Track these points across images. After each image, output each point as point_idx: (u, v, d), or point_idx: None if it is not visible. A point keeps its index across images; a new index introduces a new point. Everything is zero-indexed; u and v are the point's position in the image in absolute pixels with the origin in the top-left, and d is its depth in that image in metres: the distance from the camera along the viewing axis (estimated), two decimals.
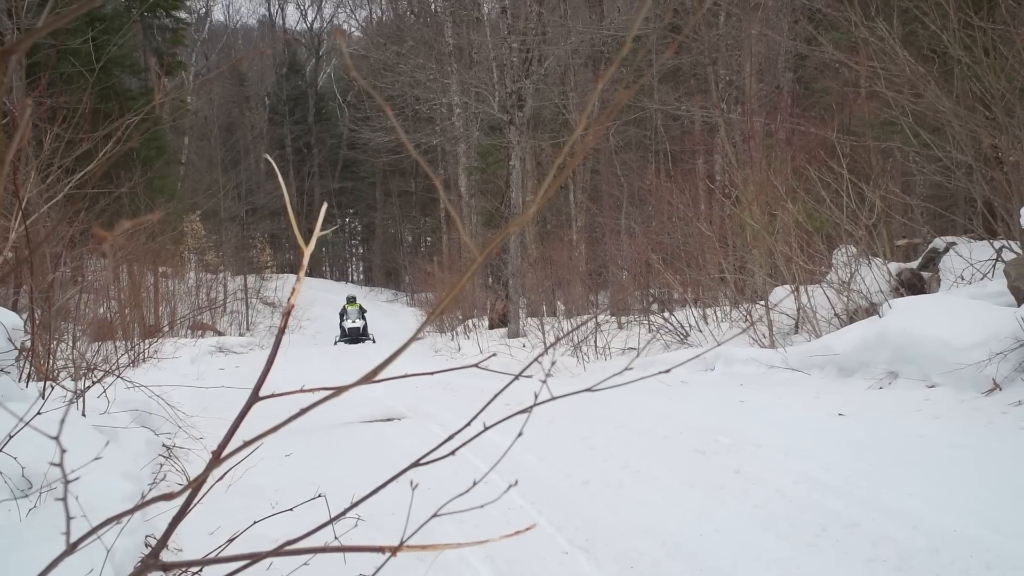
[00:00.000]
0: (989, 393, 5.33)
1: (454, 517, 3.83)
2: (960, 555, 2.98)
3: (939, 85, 8.07)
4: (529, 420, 3.67)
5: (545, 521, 3.79)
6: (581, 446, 5.19)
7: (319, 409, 1.98)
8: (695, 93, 18.20)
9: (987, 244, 8.78)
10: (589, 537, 3.56)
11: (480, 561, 3.23)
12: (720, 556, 3.27)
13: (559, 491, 4.29)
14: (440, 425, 6.13)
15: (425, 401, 7.57)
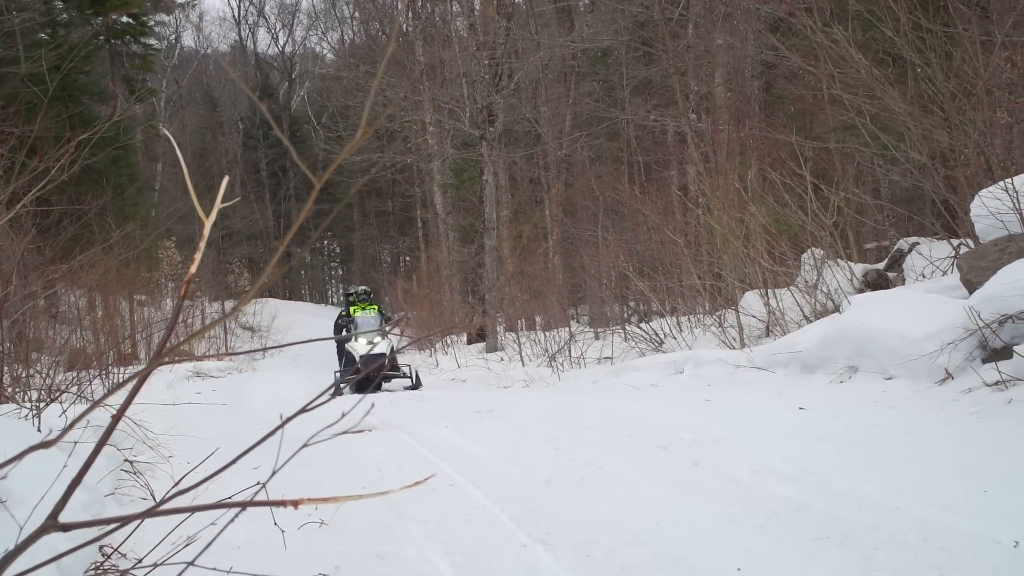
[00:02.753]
0: (942, 382, 5.47)
1: (416, 518, 3.91)
2: (900, 529, 3.09)
3: (894, 87, 8.28)
4: (498, 426, 3.82)
5: (507, 518, 3.86)
6: (547, 447, 5.27)
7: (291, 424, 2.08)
8: (666, 104, 18.43)
9: (947, 243, 8.99)
10: (548, 531, 3.64)
11: (439, 556, 3.30)
12: (674, 543, 3.36)
13: (522, 489, 4.37)
14: (409, 434, 6.20)
15: (399, 413, 7.63)
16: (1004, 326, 5.21)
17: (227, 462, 1.13)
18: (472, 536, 3.60)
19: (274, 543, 3.00)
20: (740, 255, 10.59)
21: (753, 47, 14.55)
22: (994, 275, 5.47)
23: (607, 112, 20.50)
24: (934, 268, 8.83)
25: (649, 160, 19.46)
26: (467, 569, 3.14)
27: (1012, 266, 5.31)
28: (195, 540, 2.71)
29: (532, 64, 19.46)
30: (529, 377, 11.66)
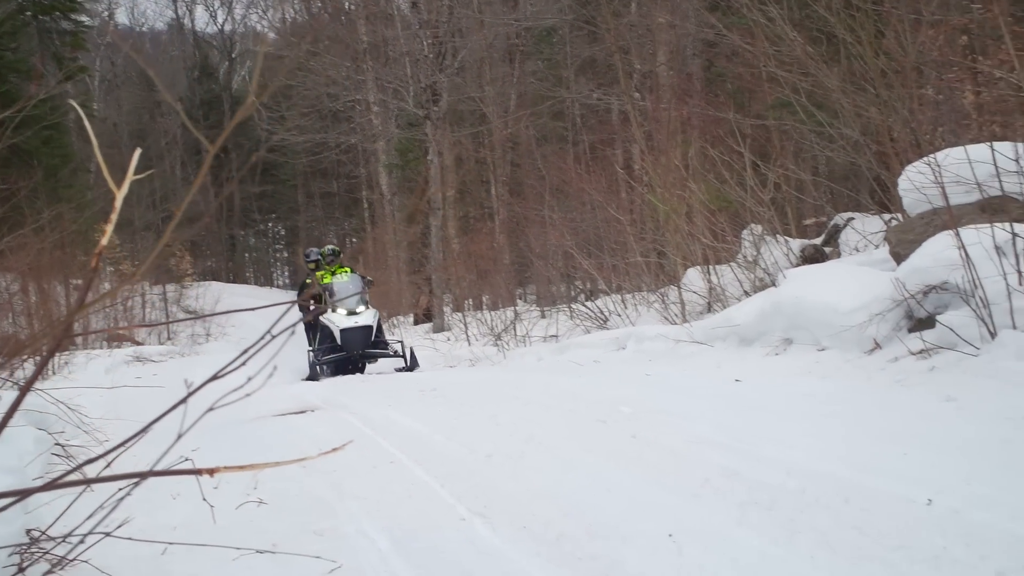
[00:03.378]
0: (871, 352, 5.64)
1: (356, 495, 3.93)
2: (824, 492, 3.20)
3: (827, 65, 8.45)
4: (441, 404, 3.84)
5: (447, 493, 3.89)
6: (489, 424, 5.31)
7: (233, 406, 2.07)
8: (610, 83, 18.51)
9: (879, 217, 9.24)
10: (487, 504, 3.68)
11: (378, 532, 3.33)
12: (609, 512, 3.42)
13: (463, 465, 4.41)
14: (352, 414, 6.19)
15: (342, 394, 7.62)
16: (928, 296, 5.39)
17: (136, 432, 1.14)
18: (412, 512, 3.63)
19: (210, 524, 3.01)
20: (682, 232, 10.74)
21: (694, 25, 14.67)
22: (919, 248, 5.65)
23: (552, 91, 20.53)
24: (867, 242, 9.07)
25: (594, 139, 19.55)
26: (405, 543, 3.17)
27: (935, 238, 5.48)
28: (128, 521, 2.71)
29: (476, 43, 19.38)
30: (475, 356, 11.71)
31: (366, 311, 10.77)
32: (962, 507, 2.82)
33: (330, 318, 10.62)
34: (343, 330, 10.44)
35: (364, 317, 10.61)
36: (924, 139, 7.45)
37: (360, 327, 10.45)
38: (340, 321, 10.53)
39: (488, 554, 3.07)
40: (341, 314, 10.58)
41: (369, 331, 10.59)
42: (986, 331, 4.89)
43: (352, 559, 2.98)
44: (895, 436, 3.86)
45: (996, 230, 4.91)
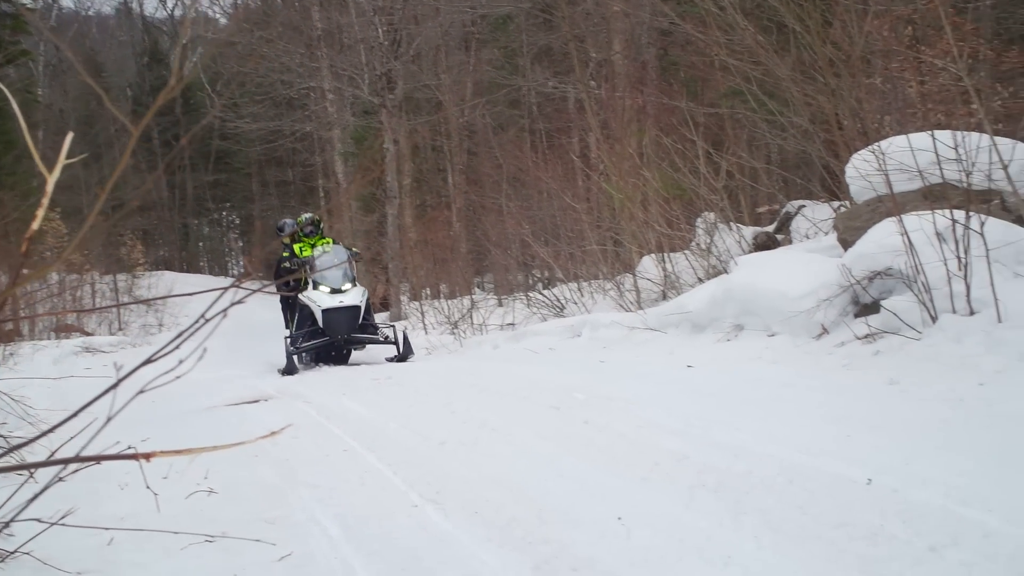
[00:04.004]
0: (819, 337, 5.75)
1: (309, 483, 3.92)
2: (770, 474, 3.27)
3: (778, 54, 8.56)
4: (396, 392, 3.84)
5: (399, 480, 3.91)
6: (443, 411, 5.33)
7: (184, 395, 2.03)
8: (566, 71, 18.52)
9: (828, 205, 9.39)
10: (440, 491, 3.70)
11: (329, 519, 3.33)
12: (560, 497, 3.46)
13: (416, 452, 4.42)
14: (307, 403, 6.17)
15: (296, 382, 7.58)
16: (873, 282, 5.50)
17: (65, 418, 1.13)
18: (364, 499, 3.64)
19: (158, 513, 2.98)
20: (637, 220, 10.82)
21: (648, 14, 14.72)
22: (865, 234, 5.76)
23: (508, 79, 20.49)
24: (817, 229, 9.21)
25: (551, 127, 19.56)
26: (356, 530, 3.18)
27: (880, 225, 5.60)
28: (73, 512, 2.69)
29: (431, 30, 19.27)
30: (431, 344, 11.68)
31: (352, 289, 9.23)
32: (900, 486, 2.90)
33: (310, 297, 9.12)
34: (326, 311, 8.94)
35: (350, 296, 9.06)
36: (871, 127, 7.58)
37: (346, 308, 8.93)
38: (322, 300, 9.02)
39: (440, 539, 3.09)
40: (323, 292, 9.06)
41: (356, 312, 9.03)
42: (928, 315, 5.01)
43: (303, 546, 2.98)
44: (840, 419, 3.95)
45: (937, 217, 5.03)
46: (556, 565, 2.73)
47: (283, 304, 10.50)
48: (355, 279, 9.50)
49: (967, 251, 4.85)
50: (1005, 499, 2.66)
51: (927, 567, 2.31)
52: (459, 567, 2.79)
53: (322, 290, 9.15)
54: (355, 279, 9.50)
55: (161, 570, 2.79)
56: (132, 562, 2.85)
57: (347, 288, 9.22)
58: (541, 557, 2.81)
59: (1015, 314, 4.48)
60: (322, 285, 9.17)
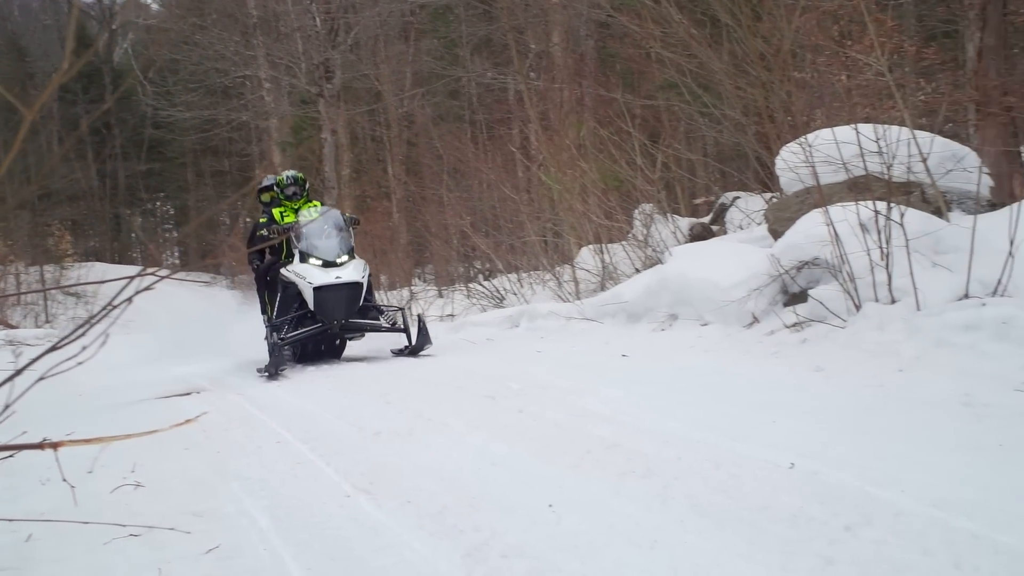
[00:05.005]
0: (750, 326, 5.87)
1: (239, 475, 3.87)
2: (697, 459, 3.33)
3: (711, 47, 8.70)
4: (332, 383, 3.79)
5: (332, 470, 3.88)
6: (379, 402, 5.31)
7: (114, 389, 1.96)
8: (506, 63, 18.54)
9: (760, 196, 9.59)
10: (373, 481, 3.69)
11: (259, 511, 3.29)
12: (493, 485, 3.48)
13: (350, 443, 4.40)
14: (240, 395, 6.09)
15: (230, 374, 7.48)
16: (801, 272, 5.64)
17: None
18: (296, 490, 3.61)
19: (79, 508, 2.92)
20: (575, 212, 10.90)
21: (586, 6, 14.81)
22: (793, 225, 5.90)
23: (448, 70, 20.42)
24: (750, 220, 9.40)
25: (491, 118, 19.57)
26: (287, 521, 3.15)
27: (808, 216, 5.74)
28: None
29: (370, 20, 19.09)
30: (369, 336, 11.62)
31: (350, 261, 7.42)
32: (820, 469, 2.99)
33: (297, 272, 7.33)
34: (318, 289, 7.14)
35: (349, 270, 7.28)
36: (801, 121, 7.76)
37: (344, 285, 7.15)
38: (313, 276, 7.23)
39: (371, 529, 3.08)
40: (313, 266, 7.28)
41: (357, 291, 7.25)
42: (852, 304, 5.16)
43: (231, 538, 2.95)
44: (767, 405, 4.05)
45: (861, 208, 5.17)
46: (486, 552, 2.75)
47: (259, 283, 8.44)
48: (353, 250, 7.62)
49: (889, 241, 5.00)
50: (916, 479, 2.76)
51: (842, 546, 2.38)
52: (390, 555, 2.79)
53: (312, 263, 7.25)
54: (353, 250, 7.62)
55: (82, 565, 2.73)
56: (52, 558, 2.78)
57: (343, 260, 7.34)
58: (472, 544, 2.82)
59: (932, 302, 4.64)
60: (312, 257, 7.27)
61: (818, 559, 2.33)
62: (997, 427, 3.19)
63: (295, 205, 8.23)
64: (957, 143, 6.23)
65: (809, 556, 2.36)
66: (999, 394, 3.63)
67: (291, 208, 8.22)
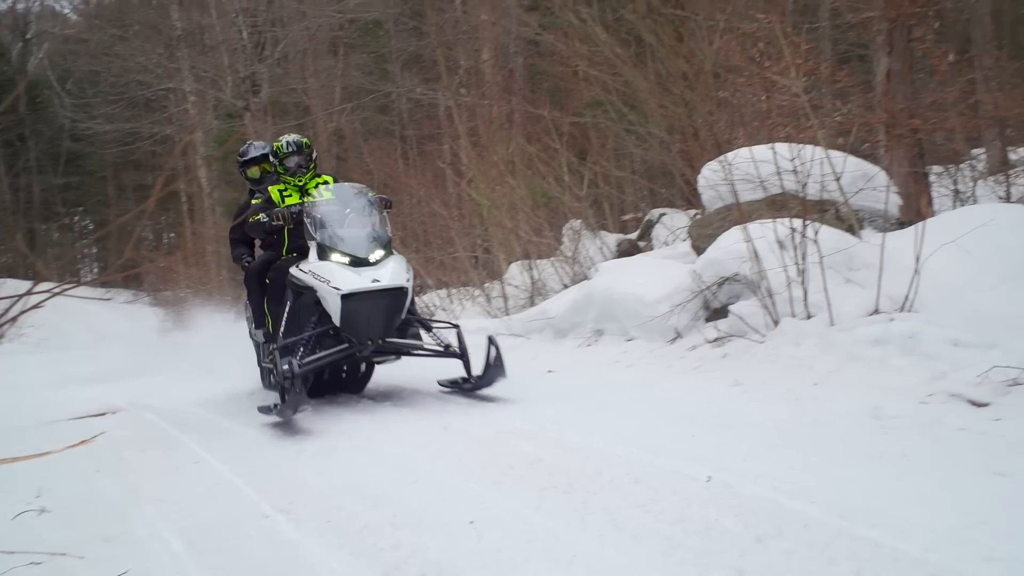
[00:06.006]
0: (673, 341, 5.97)
1: (153, 498, 3.76)
2: (618, 474, 3.37)
3: (635, 66, 8.86)
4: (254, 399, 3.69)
5: (251, 490, 3.81)
6: (302, 419, 5.23)
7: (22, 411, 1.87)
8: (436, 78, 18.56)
9: (685, 213, 9.77)
10: (293, 500, 3.63)
11: (173, 534, 3.21)
12: (415, 502, 3.45)
13: (271, 462, 4.33)
14: (158, 414, 5.94)
15: (151, 394, 7.28)
16: (722, 287, 5.76)
17: None
18: (213, 512, 3.53)
19: None
20: (505, 228, 10.95)
21: (515, 23, 14.95)
22: (715, 241, 6.03)
23: (377, 85, 20.33)
24: (675, 236, 9.57)
25: (421, 134, 19.54)
26: (201, 544, 3.08)
27: (728, 233, 5.87)
28: None
29: (297, 34, 18.91)
30: None
31: (389, 258, 5.37)
32: (736, 482, 3.05)
33: (315, 272, 5.29)
34: (348, 298, 5.12)
35: (388, 271, 5.25)
36: (723, 139, 7.94)
37: (383, 292, 5.17)
38: (340, 279, 5.18)
39: (289, 549, 3.04)
40: (338, 265, 5.26)
41: (400, 300, 5.28)
42: (770, 319, 5.29)
43: (141, 563, 2.87)
44: (687, 419, 4.12)
45: (778, 225, 5.31)
46: (405, 570, 2.73)
47: (250, 286, 6.20)
48: (390, 242, 5.59)
49: (804, 258, 5.15)
50: (826, 491, 2.85)
51: (753, 557, 2.44)
52: None
53: (335, 261, 5.28)
54: (390, 242, 5.59)
55: None
56: None
57: (379, 257, 5.31)
58: (391, 563, 2.80)
59: (845, 317, 4.79)
60: (335, 252, 5.31)
61: (730, 570, 2.38)
62: (902, 438, 3.30)
63: (299, 181, 6.05)
64: (869, 163, 6.45)
65: (721, 568, 2.40)
66: (905, 406, 3.76)
67: (294, 186, 6.06)
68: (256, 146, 6.80)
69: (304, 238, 5.54)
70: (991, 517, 2.56)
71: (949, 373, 3.97)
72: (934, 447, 3.32)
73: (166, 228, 33.09)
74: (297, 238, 5.71)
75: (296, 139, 6.15)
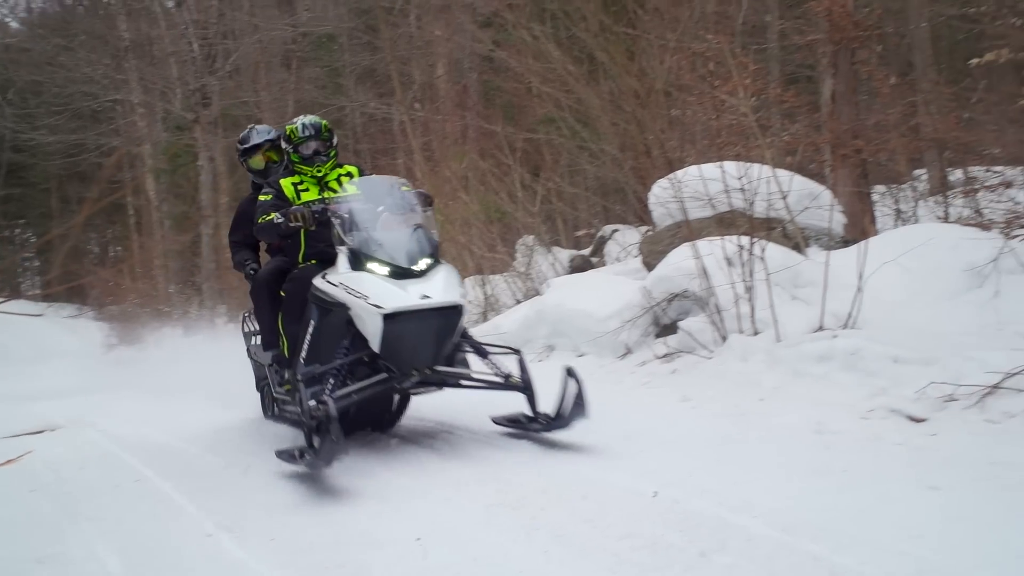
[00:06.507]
0: (623, 357, 6.01)
1: (91, 517, 3.67)
2: (566, 490, 3.38)
3: (588, 84, 8.95)
4: (203, 416, 3.64)
5: (195, 508, 3.74)
6: (252, 435, 5.17)
7: None
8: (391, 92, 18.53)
9: (636, 229, 9.87)
10: (238, 518, 3.57)
11: (111, 554, 3.14)
12: (362, 519, 3.42)
13: (217, 479, 4.25)
14: (100, 431, 5.81)
15: (94, 412, 7.12)
16: (672, 304, 5.82)
17: None
18: (153, 531, 3.46)
19: None
20: (458, 243, 10.95)
21: (469, 39, 15.01)
22: (665, 258, 6.09)
23: (331, 99, 20.25)
24: (627, 253, 9.65)
25: (375, 148, 19.47)
26: (139, 564, 3.01)
27: (678, 249, 5.94)
28: None
29: (249, 47, 18.75)
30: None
31: (438, 268, 4.37)
32: (682, 497, 3.08)
33: (348, 285, 4.29)
34: (391, 318, 4.14)
35: (438, 284, 4.26)
36: (674, 157, 8.04)
37: (434, 312, 4.22)
38: (381, 294, 4.19)
39: (232, 569, 2.99)
40: (376, 276, 4.27)
41: (453, 321, 4.36)
42: (718, 335, 5.35)
43: None
44: (636, 435, 4.15)
45: (726, 243, 5.39)
46: None
47: (258, 297, 5.11)
48: (438, 248, 4.55)
49: (752, 275, 5.23)
50: (769, 505, 2.89)
51: (697, 571, 2.46)
52: None
53: (373, 271, 4.27)
54: (438, 248, 4.55)
55: None
56: None
57: (425, 266, 4.30)
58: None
59: (791, 334, 4.87)
60: (371, 261, 4.30)
61: None
62: (843, 453, 3.36)
63: (318, 172, 4.92)
64: (815, 182, 6.58)
65: None
66: (847, 422, 3.84)
67: (311, 177, 4.93)
68: (259, 130, 5.72)
69: (324, 242, 4.62)
70: (925, 531, 2.63)
71: (889, 389, 4.06)
72: (874, 462, 3.38)
73: (112, 241, 32.44)
74: (317, 241, 4.74)
75: (314, 120, 4.99)
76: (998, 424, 3.65)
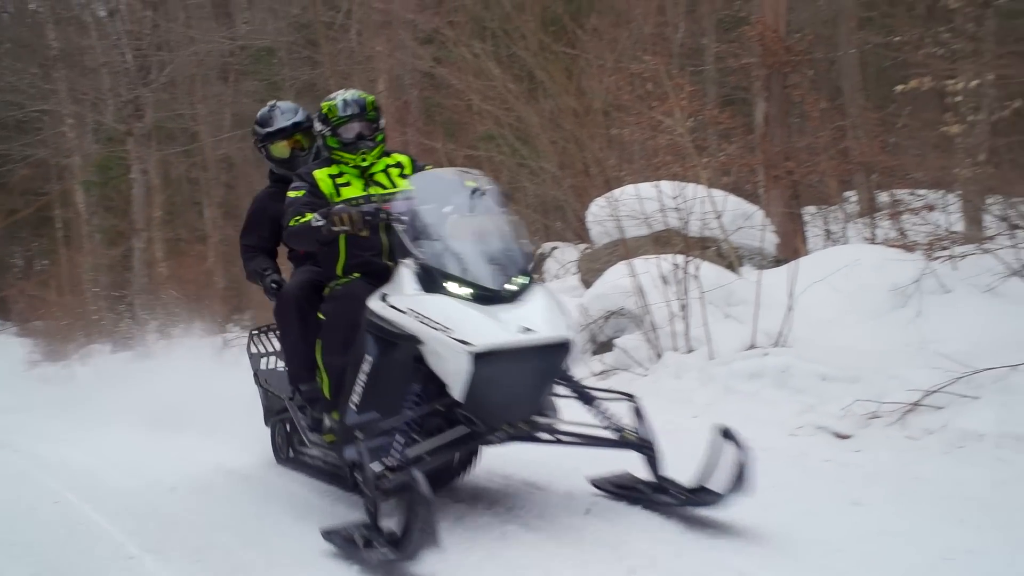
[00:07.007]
0: None
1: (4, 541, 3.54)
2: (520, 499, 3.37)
3: (528, 102, 9.03)
4: (127, 434, 3.54)
5: (117, 530, 3.64)
6: (177, 453, 5.04)
7: None
8: None
9: (575, 247, 9.95)
10: (163, 539, 3.49)
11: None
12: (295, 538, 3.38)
13: (142, 500, 4.14)
14: (17, 452, 5.62)
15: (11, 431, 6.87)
16: (609, 321, 5.87)
17: None
18: (72, 554, 3.36)
19: None
20: None
21: (410, 55, 15.01)
22: (602, 276, 6.14)
23: None
24: (565, 270, 9.71)
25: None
26: None
27: (615, 268, 5.99)
28: None
29: (185, 59, 18.44)
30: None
31: (533, 291, 3.26)
32: (613, 515, 3.10)
33: (417, 311, 3.17)
34: (483, 359, 2.99)
35: (538, 312, 3.15)
36: (612, 176, 8.13)
37: (538, 351, 3.11)
38: (468, 326, 3.06)
39: None
40: (458, 302, 3.15)
41: (560, 357, 3.25)
42: (654, 353, 5.41)
43: None
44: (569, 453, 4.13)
45: (661, 261, 5.46)
46: None
47: (284, 316, 4.00)
48: (532, 264, 3.53)
49: (687, 293, 5.30)
50: None
51: None
52: None
53: (454, 294, 3.20)
54: (532, 264, 3.53)
55: None
56: None
57: (518, 287, 3.23)
58: None
59: (724, 351, 4.95)
60: (451, 281, 3.21)
61: None
62: (772, 470, 3.40)
63: (362, 161, 3.84)
64: (748, 202, 6.72)
65: None
66: (776, 439, 3.91)
67: (352, 167, 3.85)
68: (283, 109, 4.43)
69: (370, 250, 3.68)
70: (846, 545, 2.69)
71: (816, 406, 4.15)
72: (800, 478, 3.46)
73: (38, 255, 31.45)
74: (360, 250, 3.70)
75: (357, 96, 3.87)
76: (918, 440, 3.76)
